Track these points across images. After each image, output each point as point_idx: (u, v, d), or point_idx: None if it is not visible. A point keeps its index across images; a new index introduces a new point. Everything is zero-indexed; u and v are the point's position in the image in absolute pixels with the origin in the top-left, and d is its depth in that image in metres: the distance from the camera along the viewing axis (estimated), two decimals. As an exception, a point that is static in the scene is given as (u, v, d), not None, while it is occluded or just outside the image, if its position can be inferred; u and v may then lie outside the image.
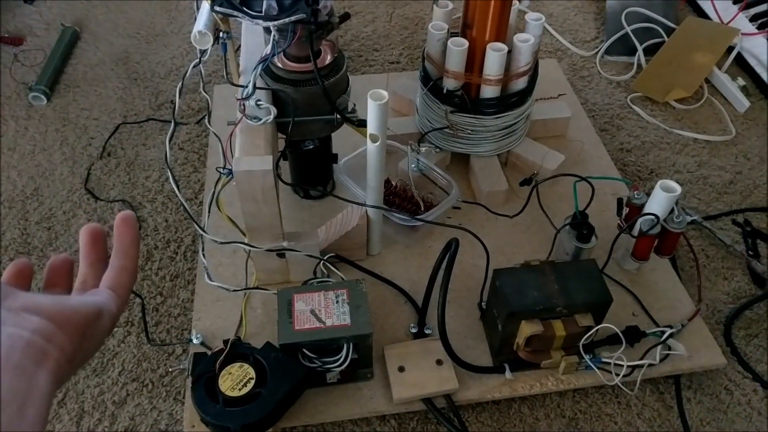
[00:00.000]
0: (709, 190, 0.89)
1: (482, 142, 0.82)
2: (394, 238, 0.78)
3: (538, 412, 0.66)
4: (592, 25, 1.20)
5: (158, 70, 1.09)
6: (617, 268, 0.75)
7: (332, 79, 0.67)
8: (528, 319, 0.61)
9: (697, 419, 0.65)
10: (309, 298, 0.62)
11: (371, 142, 0.63)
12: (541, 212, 0.79)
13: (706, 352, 0.67)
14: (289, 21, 0.55)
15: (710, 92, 1.05)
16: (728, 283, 0.78)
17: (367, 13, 1.21)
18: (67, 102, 1.03)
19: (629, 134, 0.98)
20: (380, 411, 0.64)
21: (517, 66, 0.76)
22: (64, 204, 0.87)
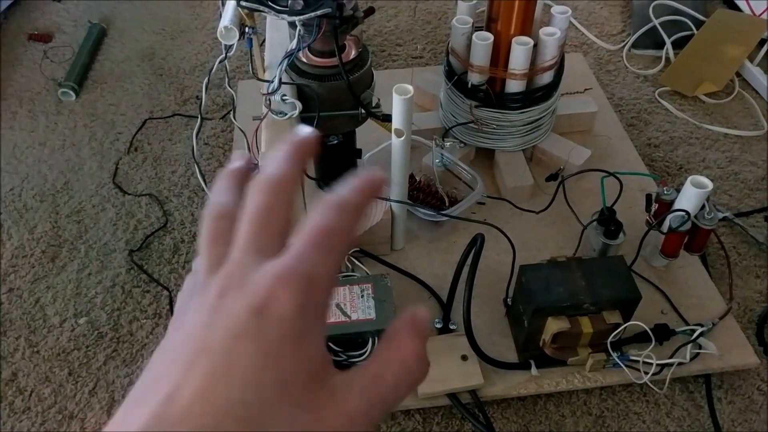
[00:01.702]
0: (741, 186, 0.87)
1: (507, 137, 0.81)
2: (417, 233, 0.78)
3: (564, 410, 0.65)
4: (618, 19, 1.18)
5: (183, 66, 1.10)
6: (645, 264, 0.74)
7: (357, 73, 0.66)
8: (554, 315, 0.60)
9: (729, 419, 0.64)
10: (334, 293, 0.63)
11: (396, 137, 0.63)
12: (566, 208, 0.78)
13: (737, 351, 0.66)
14: (315, 15, 0.55)
15: (741, 86, 1.02)
16: (760, 282, 0.76)
17: (390, 7, 1.21)
18: (95, 98, 1.04)
19: (657, 129, 0.96)
20: (405, 405, 0.64)
21: (543, 60, 0.75)
22: (93, 198, 0.89)
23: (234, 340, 0.22)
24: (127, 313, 0.75)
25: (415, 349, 0.24)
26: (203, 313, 0.23)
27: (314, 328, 0.23)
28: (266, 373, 0.21)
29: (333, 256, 0.23)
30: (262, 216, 0.24)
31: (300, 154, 0.26)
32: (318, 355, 0.22)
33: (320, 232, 0.23)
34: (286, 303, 0.22)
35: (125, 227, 0.84)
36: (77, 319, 0.74)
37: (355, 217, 0.25)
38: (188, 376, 0.22)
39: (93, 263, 0.80)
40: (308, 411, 0.22)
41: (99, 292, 0.77)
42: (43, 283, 0.78)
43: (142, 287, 0.78)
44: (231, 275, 0.23)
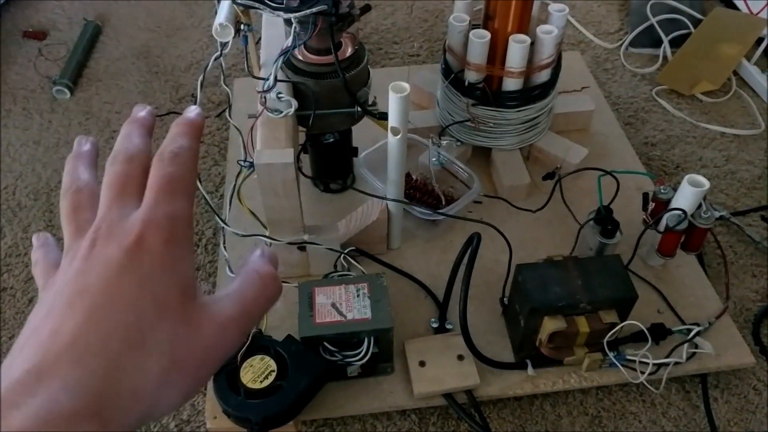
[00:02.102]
0: (737, 185, 0.87)
1: (504, 136, 0.81)
2: (414, 232, 0.78)
3: (561, 410, 0.65)
4: (615, 17, 1.17)
5: (179, 64, 1.10)
6: (642, 264, 0.74)
7: (353, 71, 0.66)
8: (551, 315, 0.60)
9: (725, 419, 0.64)
10: (330, 292, 0.62)
11: (392, 135, 0.63)
12: (563, 207, 0.77)
13: (734, 350, 0.66)
14: (310, 13, 0.54)
15: (738, 85, 1.02)
16: (757, 281, 0.76)
17: (386, 5, 1.20)
18: (89, 96, 1.04)
19: (654, 128, 0.96)
20: (400, 405, 0.63)
21: (540, 58, 0.75)
22: (87, 197, 0.88)
23: (111, 276, 0.25)
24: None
25: (269, 271, 0.29)
26: (75, 264, 0.26)
27: (182, 256, 0.26)
28: (144, 297, 0.24)
29: (182, 196, 0.27)
30: (119, 181, 0.28)
31: (147, 129, 0.31)
32: (188, 277, 0.26)
33: (164, 179, 0.27)
34: (153, 239, 0.25)
35: (120, 226, 0.84)
36: (71, 319, 0.74)
37: (190, 160, 0.29)
38: (69, 315, 0.24)
39: (87, 262, 0.80)
40: (185, 323, 0.25)
41: (93, 292, 0.77)
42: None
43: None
44: (98, 229, 0.26)
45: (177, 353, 0.24)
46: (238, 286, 0.28)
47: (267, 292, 0.29)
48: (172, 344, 0.24)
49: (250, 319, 0.28)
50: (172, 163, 0.28)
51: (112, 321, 0.24)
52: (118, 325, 0.24)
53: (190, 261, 0.27)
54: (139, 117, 0.32)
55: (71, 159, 0.31)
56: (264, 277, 0.29)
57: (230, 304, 0.27)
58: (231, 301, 0.27)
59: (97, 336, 0.23)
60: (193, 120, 0.31)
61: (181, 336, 0.25)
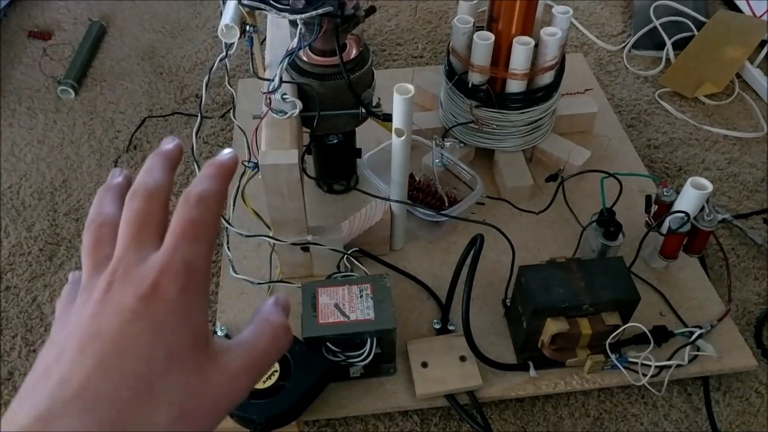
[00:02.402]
0: (740, 188, 0.87)
1: (507, 138, 0.81)
2: (417, 233, 0.78)
3: (563, 411, 0.65)
4: (619, 19, 1.18)
5: (183, 65, 1.10)
6: (644, 266, 0.74)
7: (357, 73, 0.66)
8: (553, 316, 0.60)
9: (726, 422, 0.64)
10: (333, 292, 0.63)
11: (396, 136, 0.63)
12: (566, 208, 0.78)
13: (736, 353, 0.66)
14: (316, 14, 0.54)
15: (741, 87, 1.02)
16: (759, 284, 0.76)
17: (390, 7, 1.21)
18: (94, 96, 1.04)
19: (657, 130, 0.96)
20: (403, 406, 0.64)
21: (544, 60, 0.75)
22: (91, 196, 0.88)
23: (124, 323, 0.24)
24: (125, 311, 0.75)
25: (282, 322, 0.29)
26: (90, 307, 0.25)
27: (196, 305, 0.26)
28: (156, 346, 0.24)
29: (203, 242, 0.27)
30: (139, 219, 0.27)
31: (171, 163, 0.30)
32: (201, 327, 0.26)
33: (186, 224, 0.27)
34: (169, 287, 0.25)
35: (124, 225, 0.84)
36: (75, 318, 0.74)
37: (215, 204, 0.28)
38: (80, 360, 0.24)
39: (91, 261, 0.80)
40: (195, 374, 0.25)
41: (97, 291, 0.77)
42: (41, 282, 0.78)
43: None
44: (115, 271, 0.26)
45: (186, 403, 0.24)
46: (250, 336, 0.28)
47: (278, 344, 0.28)
48: (182, 394, 0.24)
49: (260, 369, 0.28)
50: (197, 207, 0.27)
51: (123, 369, 0.23)
52: (129, 374, 0.23)
53: (204, 309, 0.27)
54: (165, 150, 0.30)
55: (100, 190, 0.31)
56: (276, 329, 0.28)
57: (241, 355, 0.27)
58: (242, 351, 0.27)
59: (107, 384, 0.23)
60: (225, 162, 0.29)
61: (192, 386, 0.24)
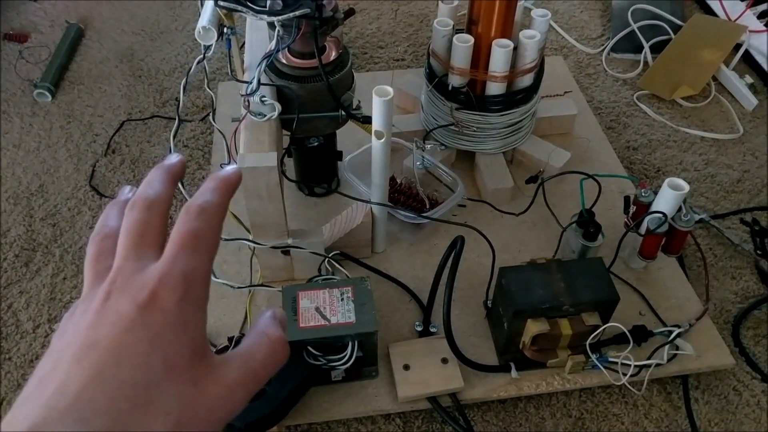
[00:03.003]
0: (717, 188, 0.89)
1: (488, 140, 0.81)
2: (399, 235, 0.78)
3: (544, 412, 0.65)
4: (598, 23, 1.19)
5: (162, 67, 1.09)
6: (624, 266, 0.75)
7: (337, 75, 0.66)
8: (534, 317, 0.60)
9: (705, 420, 0.65)
10: (314, 296, 0.62)
11: (376, 139, 0.63)
12: (546, 210, 0.78)
13: (714, 351, 0.67)
14: (294, 16, 0.54)
15: (717, 90, 1.04)
16: (736, 283, 0.77)
17: (372, 10, 1.21)
18: (71, 99, 1.03)
19: (636, 132, 0.97)
20: (385, 409, 0.63)
21: (523, 63, 0.76)
22: (68, 201, 0.87)
23: (121, 332, 0.24)
24: (103, 317, 0.74)
25: (278, 336, 0.29)
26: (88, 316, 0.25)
27: (194, 316, 0.26)
28: (153, 356, 0.24)
29: (202, 253, 0.27)
30: (138, 229, 0.27)
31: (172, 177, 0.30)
32: (199, 338, 0.26)
33: (186, 235, 0.27)
34: (168, 298, 0.25)
35: (102, 230, 0.83)
36: (51, 325, 0.73)
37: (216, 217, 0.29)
38: (76, 370, 0.23)
39: (68, 267, 0.79)
40: (192, 384, 0.25)
41: (74, 297, 0.76)
42: (16, 288, 0.76)
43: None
44: (114, 281, 0.26)
45: (183, 414, 0.24)
46: (247, 348, 0.28)
47: (275, 357, 0.28)
48: (179, 405, 0.24)
49: (257, 382, 0.27)
50: (198, 218, 0.27)
51: (120, 379, 0.23)
52: (125, 384, 0.23)
53: (202, 320, 0.27)
54: (166, 164, 0.30)
55: (108, 205, 0.31)
56: (273, 342, 0.29)
57: (238, 367, 0.27)
58: (239, 363, 0.27)
59: (104, 395, 0.23)
60: (228, 177, 0.30)
61: (188, 397, 0.24)
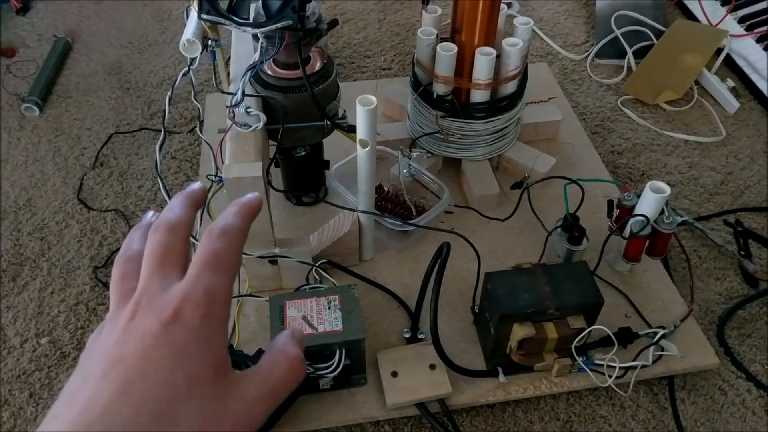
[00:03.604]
0: (701, 191, 0.90)
1: (473, 147, 0.82)
2: (386, 243, 0.78)
3: (533, 415, 0.66)
4: (582, 29, 1.20)
5: (151, 80, 1.09)
6: (609, 269, 0.75)
7: (322, 85, 0.67)
8: (520, 321, 0.61)
9: (692, 420, 0.65)
10: (301, 305, 0.62)
11: (361, 147, 0.63)
12: (532, 215, 0.79)
13: (699, 352, 0.67)
14: (276, 28, 0.55)
15: (700, 94, 1.05)
16: (720, 284, 0.78)
17: (358, 20, 1.22)
18: (59, 113, 1.03)
19: (620, 137, 0.98)
20: (374, 417, 0.63)
21: (507, 70, 0.77)
22: (56, 214, 0.87)
23: (146, 349, 0.25)
24: (91, 331, 0.73)
25: (296, 354, 0.30)
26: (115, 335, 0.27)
27: (217, 333, 0.27)
28: (177, 372, 0.25)
29: (224, 273, 0.28)
30: (161, 251, 0.29)
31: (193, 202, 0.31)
32: (221, 354, 0.27)
33: (209, 255, 0.28)
34: (191, 315, 0.26)
35: (90, 244, 0.83)
36: (39, 339, 0.73)
37: (238, 238, 0.30)
38: (103, 385, 0.24)
39: (56, 281, 0.79)
40: (214, 400, 0.25)
41: (62, 311, 0.76)
42: (3, 303, 0.76)
43: (107, 304, 0.76)
44: (139, 301, 0.27)
45: (205, 428, 0.25)
46: (267, 365, 0.29)
47: (293, 375, 0.30)
48: (202, 419, 0.25)
49: (277, 398, 0.29)
50: (220, 240, 0.29)
51: (145, 394, 0.24)
52: (150, 399, 0.24)
53: (224, 338, 0.28)
54: (188, 190, 0.32)
55: (133, 228, 0.32)
56: (292, 360, 0.30)
57: (258, 383, 0.28)
58: (259, 379, 0.28)
59: (129, 409, 0.24)
60: (249, 202, 0.31)
61: (211, 412, 0.25)
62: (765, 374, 0.69)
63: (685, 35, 1.10)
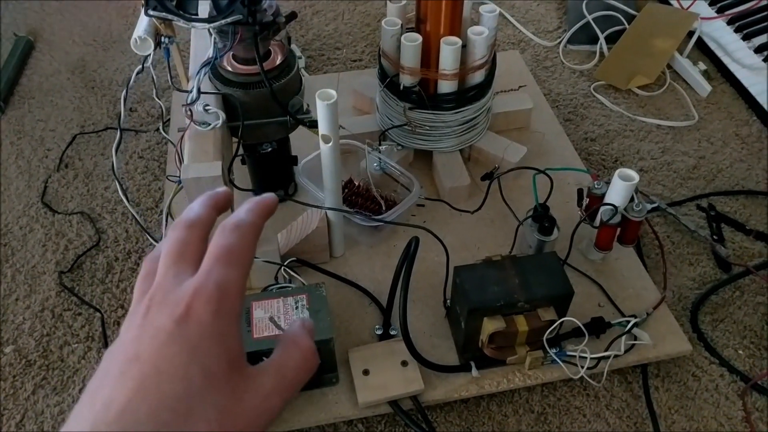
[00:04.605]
0: (674, 176, 0.89)
1: (443, 138, 0.81)
2: (357, 238, 0.77)
3: (507, 409, 0.65)
4: (554, 15, 1.19)
5: (116, 78, 1.07)
6: (582, 258, 0.75)
7: (283, 80, 0.65)
8: (489, 315, 0.60)
9: (666, 407, 0.65)
10: (268, 305, 0.61)
11: (323, 143, 0.62)
12: (504, 206, 0.78)
13: (671, 339, 0.67)
14: (225, 23, 0.53)
15: (672, 78, 1.05)
16: (694, 269, 0.78)
17: (328, 11, 1.20)
18: (22, 114, 1.00)
19: (593, 123, 0.98)
20: (346, 416, 0.63)
21: (473, 59, 0.75)
22: (20, 219, 0.85)
23: (161, 345, 0.26)
24: (57, 338, 0.72)
25: (309, 345, 0.31)
26: (131, 331, 0.27)
27: (230, 328, 0.27)
28: (192, 368, 0.25)
29: (236, 268, 0.28)
30: (177, 247, 0.29)
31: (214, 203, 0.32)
32: (235, 349, 0.27)
33: (222, 249, 0.28)
34: (203, 310, 0.26)
35: (55, 248, 0.81)
36: (3, 348, 0.71)
37: (251, 234, 0.30)
38: (121, 383, 0.25)
39: (20, 288, 0.77)
40: (230, 395, 0.26)
41: (27, 318, 0.74)
42: (-34, 312, 0.74)
43: (73, 310, 0.75)
44: (153, 296, 0.27)
45: (223, 423, 0.25)
46: (279, 358, 0.30)
47: (306, 365, 0.30)
48: (219, 414, 0.25)
49: (291, 389, 0.29)
50: (233, 234, 0.29)
51: (161, 391, 0.24)
52: (167, 396, 0.24)
53: (238, 332, 0.28)
54: (210, 192, 0.33)
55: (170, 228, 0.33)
56: (305, 351, 0.30)
57: (273, 376, 0.28)
58: (274, 372, 0.29)
59: (147, 406, 0.24)
60: (264, 200, 0.32)
61: (228, 406, 0.25)
62: (738, 359, 0.69)
63: (656, 19, 1.09)
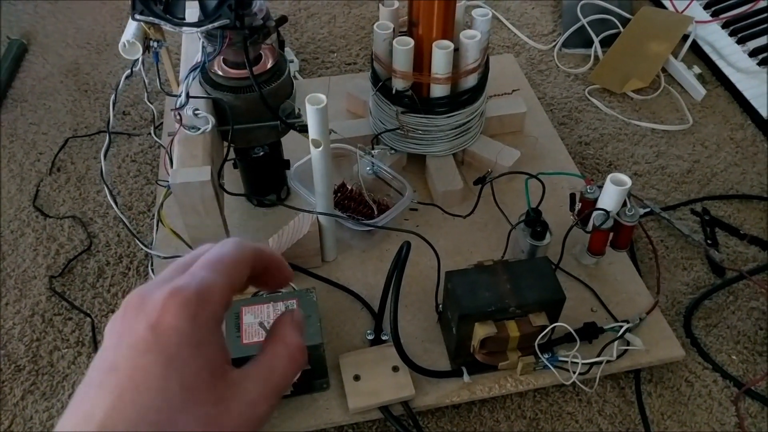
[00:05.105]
0: (668, 180, 0.89)
1: (436, 142, 0.80)
2: (349, 243, 0.77)
3: (499, 414, 0.65)
4: (549, 19, 1.19)
5: (110, 81, 1.06)
6: (576, 263, 0.74)
7: (274, 84, 0.65)
8: (481, 320, 0.59)
9: (658, 413, 0.65)
10: (258, 310, 0.61)
11: (314, 147, 0.62)
12: (497, 210, 0.78)
13: (664, 344, 0.67)
14: (212, 27, 0.53)
15: (667, 81, 1.05)
16: (687, 274, 0.77)
17: (323, 14, 1.20)
18: (14, 117, 1.00)
19: (588, 127, 0.97)
20: (336, 422, 0.62)
21: (466, 63, 0.75)
22: (11, 223, 0.84)
23: (137, 355, 0.24)
24: (47, 343, 0.72)
25: (297, 343, 0.29)
26: (112, 338, 0.26)
27: (209, 336, 0.25)
28: (170, 379, 0.24)
29: (222, 275, 0.26)
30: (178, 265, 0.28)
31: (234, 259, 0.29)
32: (217, 357, 0.25)
33: (212, 256, 0.27)
34: (177, 315, 0.24)
35: (46, 252, 0.80)
36: (-8, 354, 0.70)
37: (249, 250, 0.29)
38: (101, 397, 0.24)
39: (11, 292, 0.76)
40: (214, 405, 0.24)
41: (17, 323, 0.73)
42: (-45, 317, 0.74)
43: (64, 315, 0.74)
44: (131, 301, 0.26)
45: None
46: (266, 360, 0.28)
47: (294, 365, 0.29)
48: (203, 426, 0.24)
49: (279, 393, 0.28)
50: (229, 246, 0.28)
51: (139, 404, 0.23)
52: (146, 409, 0.23)
53: (219, 340, 0.26)
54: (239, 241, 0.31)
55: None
56: (292, 350, 0.29)
57: (259, 381, 0.27)
58: (260, 377, 0.27)
59: (125, 421, 0.23)
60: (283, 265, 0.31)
61: (212, 417, 0.24)
62: (731, 364, 0.69)
63: (650, 22, 1.09)
